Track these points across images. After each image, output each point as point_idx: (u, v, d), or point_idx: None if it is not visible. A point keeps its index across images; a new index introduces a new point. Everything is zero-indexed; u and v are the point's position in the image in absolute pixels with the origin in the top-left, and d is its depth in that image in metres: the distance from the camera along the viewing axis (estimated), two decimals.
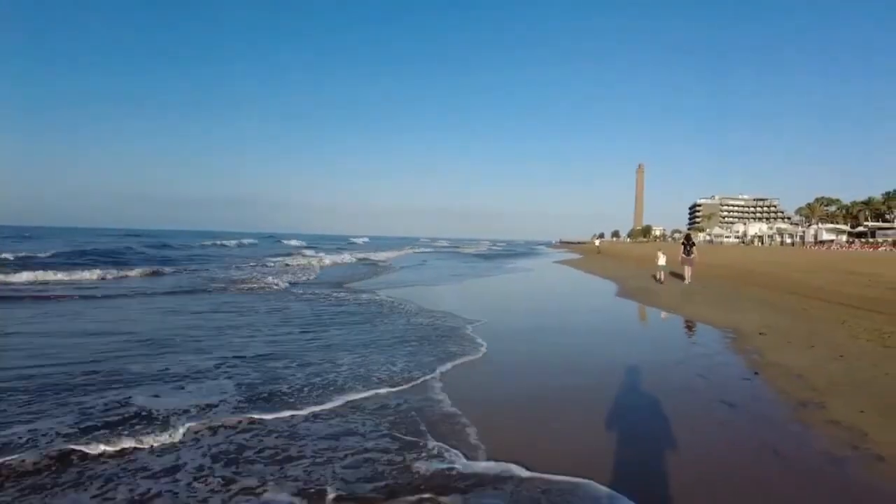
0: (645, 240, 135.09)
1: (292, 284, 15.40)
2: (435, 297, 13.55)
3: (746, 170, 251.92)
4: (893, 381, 5.42)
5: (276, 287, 14.54)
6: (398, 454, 3.61)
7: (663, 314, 11.08)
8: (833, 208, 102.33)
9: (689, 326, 9.51)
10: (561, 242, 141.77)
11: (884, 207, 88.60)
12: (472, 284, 18.66)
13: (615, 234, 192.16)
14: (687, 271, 17.81)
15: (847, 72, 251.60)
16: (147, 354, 6.33)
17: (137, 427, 3.96)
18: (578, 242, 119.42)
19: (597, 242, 78.61)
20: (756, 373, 5.98)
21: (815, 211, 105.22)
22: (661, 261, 18.51)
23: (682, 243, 18.81)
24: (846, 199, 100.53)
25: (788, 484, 3.31)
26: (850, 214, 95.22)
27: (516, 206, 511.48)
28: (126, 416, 4.19)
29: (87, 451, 3.53)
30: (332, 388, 5.09)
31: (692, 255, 17.85)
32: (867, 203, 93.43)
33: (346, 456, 3.58)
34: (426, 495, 3.04)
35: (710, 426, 4.37)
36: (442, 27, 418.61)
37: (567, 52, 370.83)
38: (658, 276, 18.44)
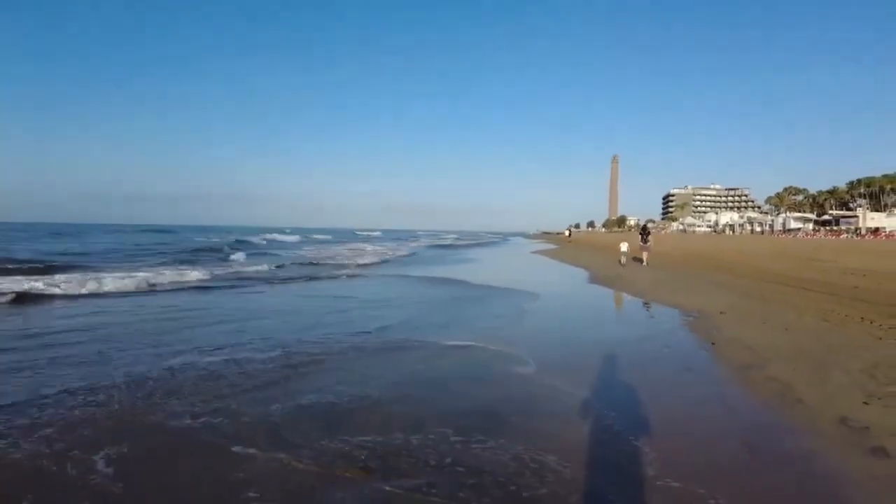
0: (620, 230, 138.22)
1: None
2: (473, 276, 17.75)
3: (719, 160, 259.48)
4: (824, 348, 6.54)
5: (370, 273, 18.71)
6: None
7: (635, 298, 12.15)
8: (801, 197, 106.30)
9: (659, 309, 10.56)
10: (539, 233, 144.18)
11: (847, 196, 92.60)
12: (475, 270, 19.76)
13: (591, 224, 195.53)
14: (644, 256, 21.13)
15: (814, 67, 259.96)
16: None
17: None
18: (557, 233, 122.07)
19: (567, 233, 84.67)
20: (713, 344, 7.05)
21: (784, 200, 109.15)
22: (624, 248, 21.88)
23: (640, 233, 22.57)
24: (813, 189, 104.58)
25: (730, 420, 4.35)
26: (817, 203, 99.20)
27: (502, 199, 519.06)
28: None
29: None
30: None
31: (648, 243, 21.46)
32: (832, 192, 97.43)
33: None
34: None
35: (672, 383, 5.40)
36: (437, 28, 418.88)
37: (545, 49, 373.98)
38: (621, 261, 21.39)
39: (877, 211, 76.08)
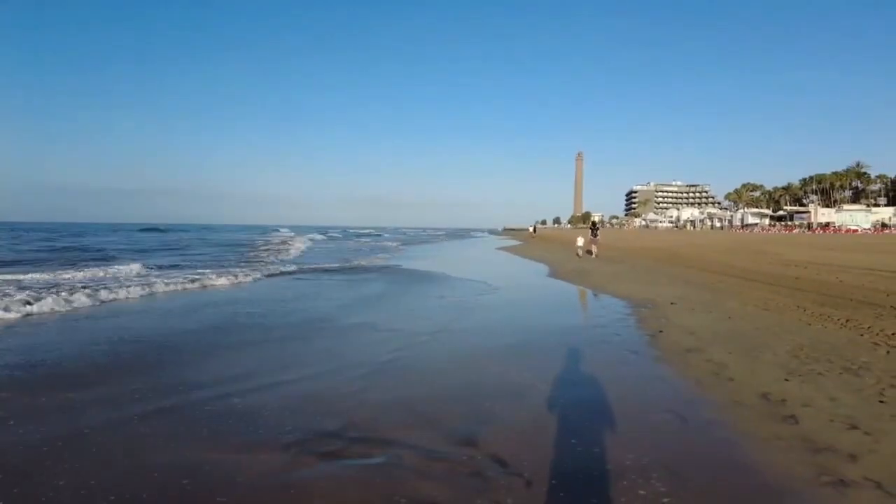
0: (584, 226, 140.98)
1: None
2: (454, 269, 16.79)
3: (680, 157, 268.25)
4: (760, 334, 7.15)
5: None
6: None
7: (592, 291, 12.74)
8: (757, 194, 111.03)
9: (614, 300, 11.09)
10: (503, 230, 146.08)
11: (801, 192, 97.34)
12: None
13: (556, 220, 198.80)
14: (594, 249, 24.42)
15: (770, 68, 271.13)
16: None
17: None
18: (522, 230, 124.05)
19: (530, 229, 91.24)
20: (660, 331, 7.59)
21: (742, 196, 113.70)
22: (580, 242, 24.86)
23: (590, 228, 26.38)
24: (769, 185, 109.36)
25: (667, 396, 4.81)
26: (773, 199, 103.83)
27: (471, 196, 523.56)
28: None
29: None
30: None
31: (598, 237, 24.94)
32: (787, 189, 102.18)
33: None
34: None
35: (618, 365, 5.88)
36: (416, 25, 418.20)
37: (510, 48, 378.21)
38: (578, 253, 24.38)
39: (827, 206, 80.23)
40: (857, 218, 69.43)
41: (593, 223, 29.35)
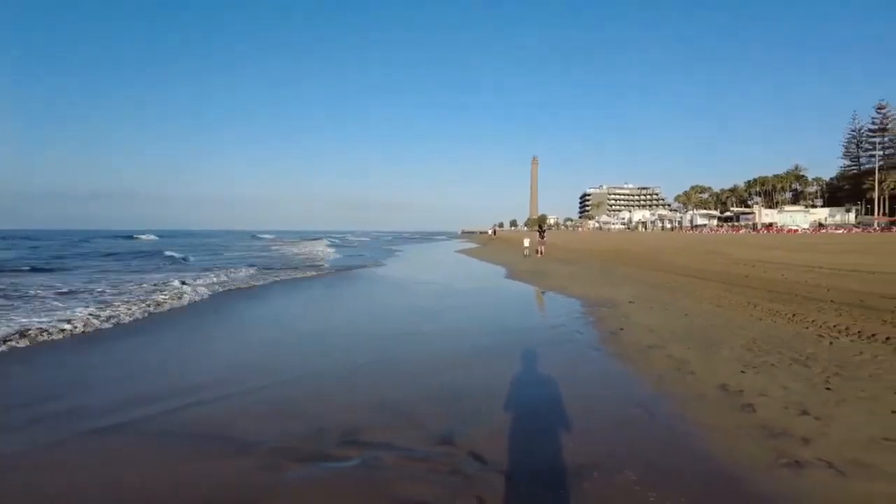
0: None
1: None
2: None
3: (631, 160, 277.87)
4: (715, 330, 7.55)
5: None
6: None
7: (552, 291, 13.05)
8: (706, 195, 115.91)
9: (574, 300, 11.41)
10: (463, 232, 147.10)
11: (746, 194, 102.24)
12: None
13: (513, 223, 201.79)
14: (542, 249, 26.55)
15: (719, 72, 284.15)
16: None
17: None
18: (481, 232, 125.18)
19: (490, 231, 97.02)
20: (621, 329, 7.89)
21: (691, 198, 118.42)
22: (526, 243, 28.26)
23: (537, 230, 29.36)
24: (717, 187, 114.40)
25: (633, 391, 5.03)
26: (720, 201, 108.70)
27: (427, 198, 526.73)
28: None
29: None
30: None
31: (545, 238, 27.65)
32: (733, 190, 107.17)
33: None
34: None
35: (582, 362, 6.11)
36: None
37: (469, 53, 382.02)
38: (525, 253, 26.95)
39: (770, 207, 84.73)
40: (796, 218, 73.80)
41: (540, 225, 34.43)
